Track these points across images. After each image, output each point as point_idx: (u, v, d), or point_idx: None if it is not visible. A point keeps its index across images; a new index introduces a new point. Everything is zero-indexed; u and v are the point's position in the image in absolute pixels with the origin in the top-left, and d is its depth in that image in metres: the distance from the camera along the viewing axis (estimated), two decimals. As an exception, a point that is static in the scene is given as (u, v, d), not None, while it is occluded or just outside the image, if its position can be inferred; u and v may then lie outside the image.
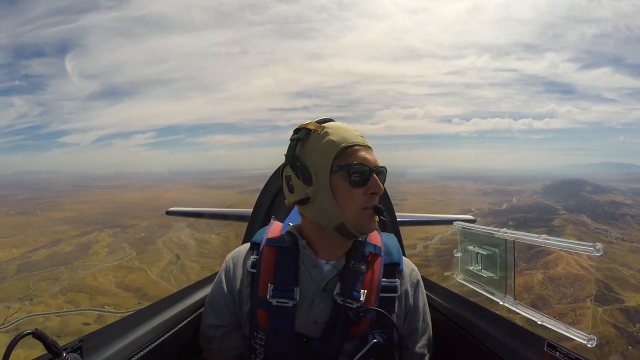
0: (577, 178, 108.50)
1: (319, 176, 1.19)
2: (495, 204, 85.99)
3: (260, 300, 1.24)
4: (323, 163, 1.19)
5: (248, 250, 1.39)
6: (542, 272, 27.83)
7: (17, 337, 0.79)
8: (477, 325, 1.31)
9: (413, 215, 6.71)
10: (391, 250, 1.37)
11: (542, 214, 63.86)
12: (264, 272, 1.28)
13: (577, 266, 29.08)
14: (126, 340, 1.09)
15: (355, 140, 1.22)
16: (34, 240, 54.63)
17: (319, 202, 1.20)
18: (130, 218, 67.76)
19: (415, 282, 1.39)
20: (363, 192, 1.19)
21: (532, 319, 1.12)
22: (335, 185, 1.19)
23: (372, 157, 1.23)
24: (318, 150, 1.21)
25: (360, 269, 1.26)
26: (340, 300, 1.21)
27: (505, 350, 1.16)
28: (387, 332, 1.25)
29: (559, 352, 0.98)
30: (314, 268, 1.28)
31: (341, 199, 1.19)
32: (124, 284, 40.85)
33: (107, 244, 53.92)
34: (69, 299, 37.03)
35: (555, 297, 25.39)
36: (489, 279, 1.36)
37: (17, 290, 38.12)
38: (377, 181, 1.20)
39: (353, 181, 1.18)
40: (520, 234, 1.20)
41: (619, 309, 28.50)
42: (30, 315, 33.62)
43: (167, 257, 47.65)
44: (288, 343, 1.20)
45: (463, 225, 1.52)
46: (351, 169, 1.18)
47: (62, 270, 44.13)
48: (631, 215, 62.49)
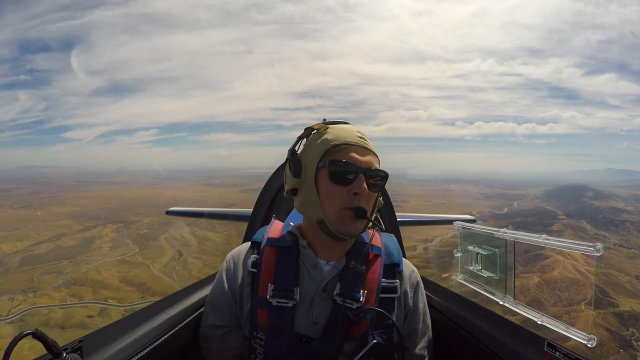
0: (578, 184, 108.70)
1: (306, 170, 1.21)
2: (496, 207, 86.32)
3: (260, 300, 1.24)
4: (312, 158, 1.21)
5: (248, 249, 1.38)
6: (539, 275, 27.91)
7: (17, 337, 0.79)
8: (477, 325, 1.31)
9: (413, 215, 6.72)
10: (391, 251, 1.37)
11: (542, 219, 64.09)
12: (264, 272, 1.27)
13: (573, 270, 29.34)
14: (126, 340, 1.10)
15: (350, 139, 1.21)
16: (37, 234, 54.70)
17: (303, 195, 1.23)
18: (133, 214, 68.02)
19: (415, 284, 1.38)
20: (346, 192, 1.18)
21: (532, 319, 1.13)
22: (319, 181, 1.20)
23: (365, 158, 1.21)
24: (312, 147, 1.24)
25: (361, 269, 1.25)
26: (340, 301, 1.20)
27: (505, 350, 1.16)
28: (387, 333, 1.25)
29: (559, 352, 0.98)
30: (314, 268, 1.27)
31: (323, 195, 1.19)
32: (127, 279, 40.94)
33: (110, 239, 54.23)
34: (72, 292, 37.16)
35: (551, 300, 25.55)
36: (489, 279, 1.37)
37: (20, 283, 38.12)
38: (361, 182, 1.17)
39: (334, 179, 1.18)
40: (520, 234, 1.21)
41: (613, 313, 28.70)
42: (34, 307, 33.70)
43: (170, 254, 47.94)
44: (288, 343, 1.20)
45: (463, 225, 1.53)
46: (333, 166, 1.18)
47: (66, 264, 44.40)
48: (631, 222, 62.73)
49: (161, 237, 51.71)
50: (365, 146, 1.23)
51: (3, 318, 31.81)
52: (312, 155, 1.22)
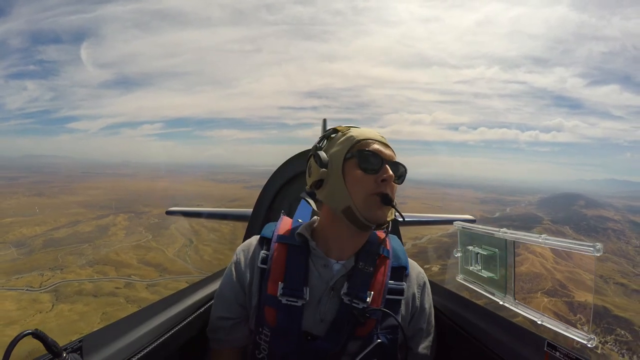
0: (574, 192, 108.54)
1: (333, 162, 1.24)
2: (488, 212, 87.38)
3: (269, 297, 1.24)
4: (339, 151, 1.24)
5: (257, 244, 1.37)
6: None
7: (17, 337, 0.78)
8: (477, 325, 1.31)
9: (414, 215, 6.86)
10: (398, 254, 1.37)
11: (526, 223, 64.55)
12: (274, 269, 1.27)
13: (540, 267, 32.47)
14: (126, 340, 1.09)
15: (373, 136, 1.27)
16: (54, 220, 57.62)
17: (331, 184, 1.23)
18: (142, 205, 70.15)
19: (422, 284, 1.38)
20: (373, 180, 1.20)
21: (532, 319, 1.12)
22: (347, 171, 1.22)
23: (388, 152, 1.26)
24: (338, 143, 1.27)
25: (368, 270, 1.25)
26: (347, 300, 1.20)
27: (505, 350, 1.15)
28: (391, 334, 1.25)
29: (559, 352, 0.98)
30: (324, 267, 1.28)
31: (350, 183, 1.20)
32: (145, 260, 44.27)
33: (124, 227, 57.04)
34: (97, 269, 40.57)
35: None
36: (489, 279, 1.35)
37: (46, 262, 41.43)
38: (387, 169, 1.21)
39: (362, 167, 1.20)
40: (520, 234, 1.20)
41: (565, 302, 30.78)
42: (65, 280, 37.15)
43: (181, 241, 50.34)
44: (293, 341, 1.20)
45: (463, 225, 1.51)
46: (362, 155, 1.22)
47: (86, 246, 47.57)
48: (613, 230, 64.27)
49: (172, 226, 53.48)
50: (387, 143, 1.29)
51: (38, 289, 35.09)
52: (338, 149, 1.25)
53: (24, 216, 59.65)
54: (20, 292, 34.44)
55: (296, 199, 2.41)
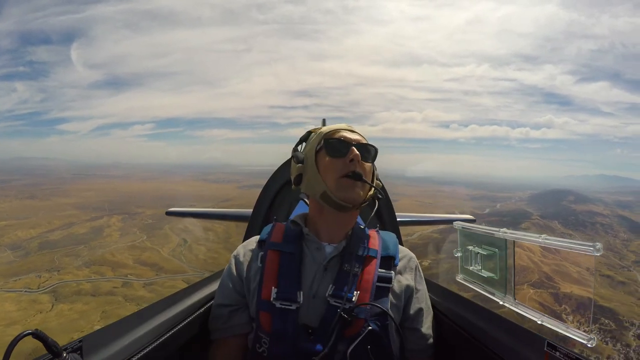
0: (564, 188, 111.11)
1: (307, 156, 1.35)
2: (479, 208, 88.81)
3: (263, 302, 1.26)
4: (311, 146, 1.36)
5: (257, 245, 1.43)
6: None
7: (17, 337, 0.78)
8: (477, 325, 1.30)
9: (413, 215, 6.87)
10: (388, 245, 1.40)
11: (516, 219, 65.25)
12: (267, 275, 1.30)
13: (527, 260, 32.66)
14: (126, 340, 1.09)
15: (340, 127, 1.37)
16: (48, 223, 57.56)
17: (308, 176, 1.33)
18: (135, 206, 70.58)
19: (414, 267, 1.42)
20: (341, 163, 1.28)
21: (532, 319, 1.11)
22: (319, 161, 1.32)
23: (354, 136, 1.34)
24: (311, 141, 1.39)
25: (354, 270, 1.27)
26: (334, 302, 1.22)
27: (505, 350, 1.15)
28: (381, 320, 1.25)
29: (559, 352, 0.97)
30: (317, 250, 1.34)
31: (323, 171, 1.30)
32: (141, 260, 44.81)
33: (118, 228, 57.25)
34: (94, 270, 40.81)
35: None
36: (489, 279, 1.33)
37: (43, 264, 41.60)
38: (353, 149, 1.28)
39: (330, 154, 1.30)
40: (520, 234, 1.19)
41: (551, 293, 31.43)
42: (62, 281, 37.33)
43: (176, 241, 50.97)
44: (290, 344, 1.21)
45: (463, 225, 1.49)
46: (328, 143, 1.31)
47: (82, 248, 47.82)
48: (601, 224, 65.41)
49: (166, 226, 54.08)
50: (353, 130, 1.38)
51: (36, 290, 35.33)
52: (311, 145, 1.37)
53: (17, 219, 59.77)
54: (19, 294, 34.56)
55: (296, 200, 2.47)
